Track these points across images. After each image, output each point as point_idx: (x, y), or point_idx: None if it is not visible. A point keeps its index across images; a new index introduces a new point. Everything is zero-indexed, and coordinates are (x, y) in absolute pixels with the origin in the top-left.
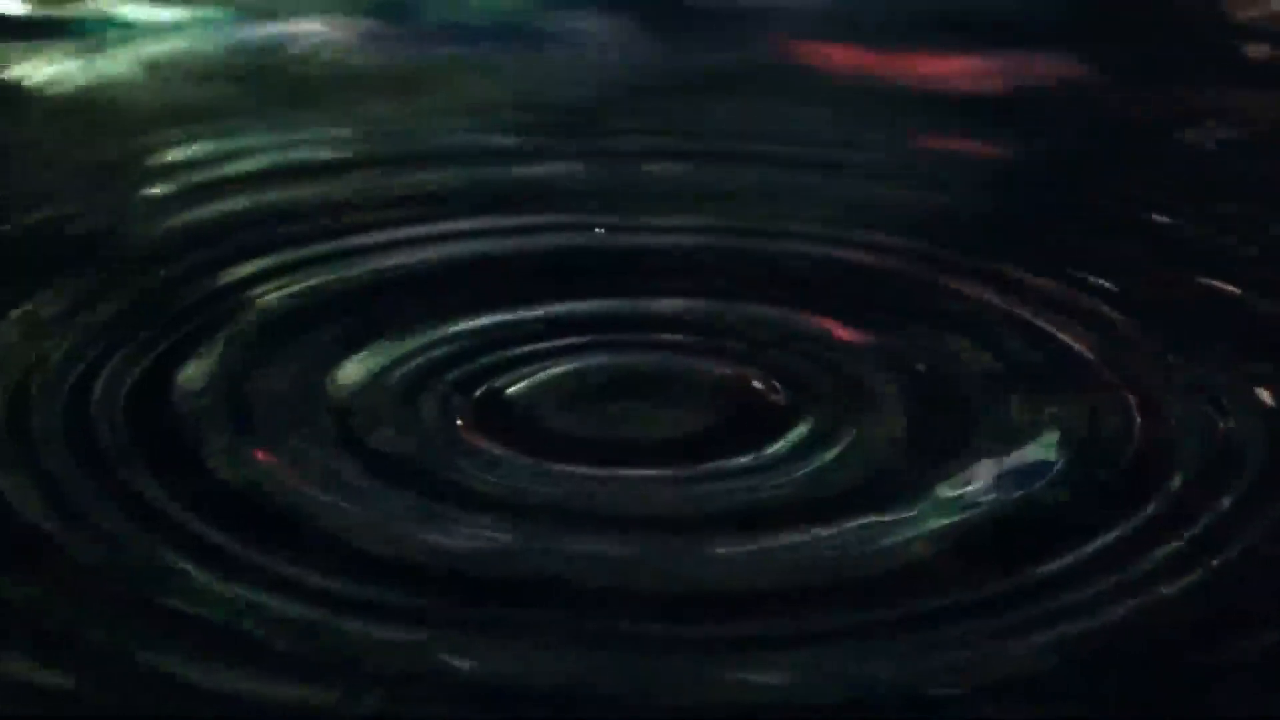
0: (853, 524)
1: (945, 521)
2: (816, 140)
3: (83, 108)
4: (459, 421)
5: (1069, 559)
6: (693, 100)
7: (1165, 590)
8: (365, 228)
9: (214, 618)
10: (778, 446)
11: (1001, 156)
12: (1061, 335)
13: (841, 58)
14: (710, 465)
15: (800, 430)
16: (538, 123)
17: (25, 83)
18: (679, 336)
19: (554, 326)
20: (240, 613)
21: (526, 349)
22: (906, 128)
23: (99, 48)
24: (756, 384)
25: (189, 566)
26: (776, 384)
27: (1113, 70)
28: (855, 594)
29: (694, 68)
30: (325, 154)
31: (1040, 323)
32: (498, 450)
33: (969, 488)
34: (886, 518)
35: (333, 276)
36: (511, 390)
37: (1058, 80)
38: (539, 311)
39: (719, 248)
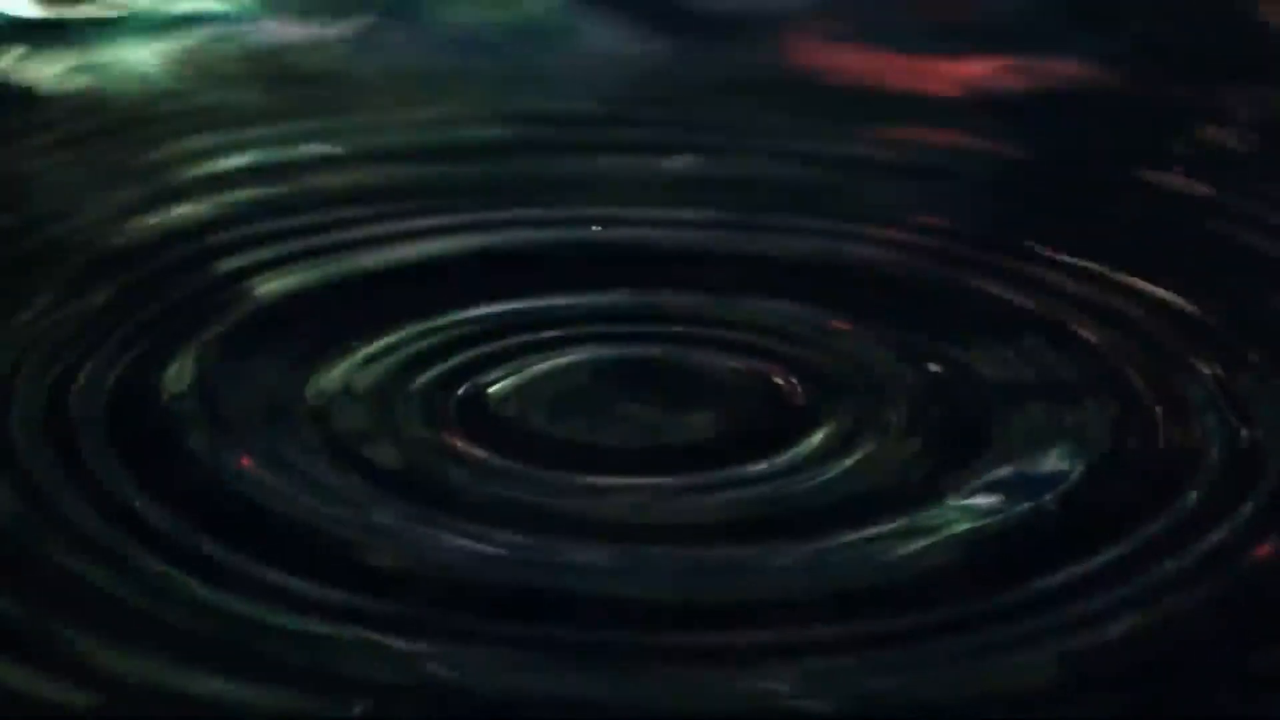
0: (861, 534)
1: (956, 531)
2: (826, 138)
3: (79, 106)
4: (451, 424)
5: (1082, 570)
6: (698, 100)
7: (1178, 602)
8: (363, 221)
9: (199, 625)
10: (785, 454)
11: (1018, 155)
12: (1082, 337)
13: (852, 61)
14: (714, 473)
15: (807, 435)
16: (542, 118)
17: (23, 84)
18: (682, 329)
19: (554, 319)
20: (226, 620)
21: (527, 339)
22: (925, 126)
23: (99, 48)
24: (763, 386)
25: (175, 573)
26: (783, 386)
27: (1131, 66)
28: (862, 604)
29: (699, 70)
30: (325, 149)
31: (1060, 323)
32: (493, 454)
33: (982, 497)
34: (895, 527)
35: (330, 270)
36: (511, 385)
37: (1074, 78)
38: (541, 304)
39: (727, 243)
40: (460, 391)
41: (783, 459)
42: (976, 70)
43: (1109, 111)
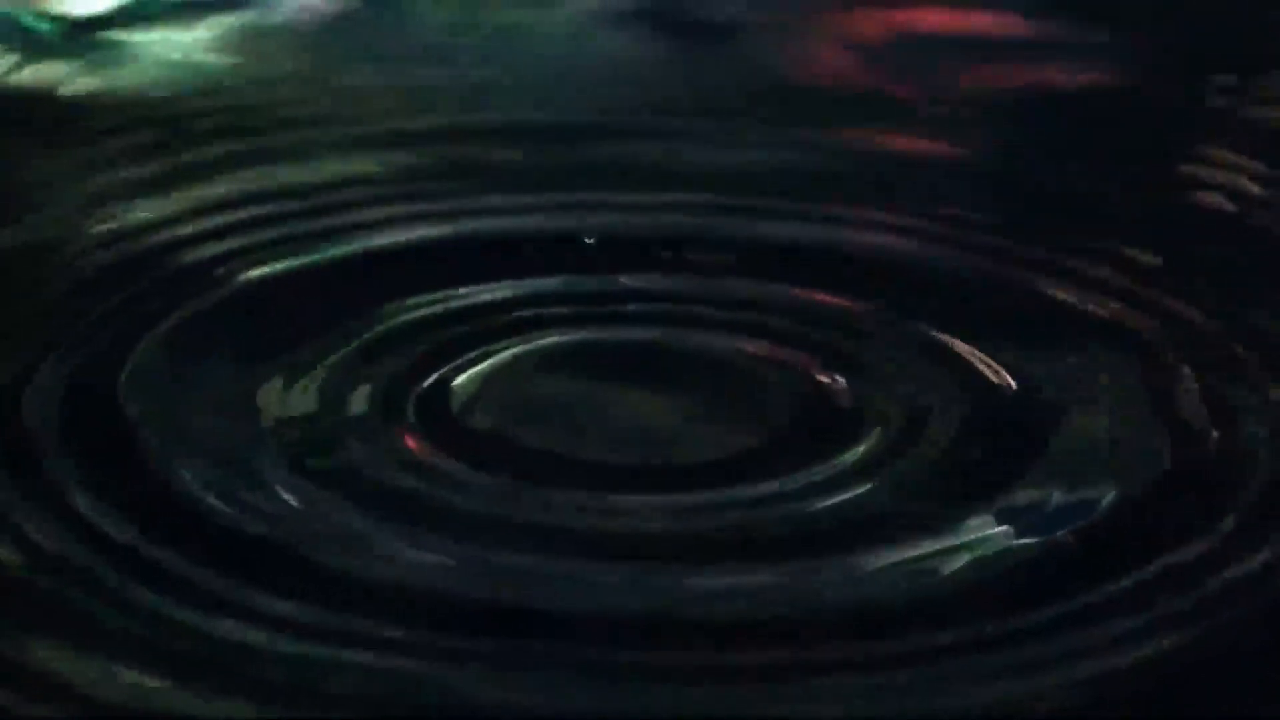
0: (884, 555)
1: (986, 552)
2: (827, 136)
3: (61, 101)
4: (434, 423)
5: (1107, 593)
6: (700, 100)
7: (1205, 626)
8: (344, 207)
9: (170, 642)
10: (803, 469)
11: (1027, 154)
12: (1129, 337)
13: (855, 64)
14: (722, 490)
15: (827, 445)
16: (539, 108)
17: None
18: (690, 311)
19: (557, 302)
20: (198, 639)
21: (523, 315)
22: (930, 126)
23: (89, 43)
24: (783, 392)
25: (136, 588)
26: (790, 374)
27: (1142, 66)
28: (875, 624)
29: (702, 73)
30: (309, 138)
31: (1108, 322)
32: (475, 459)
33: (1015, 517)
34: (923, 549)
35: (318, 257)
36: (503, 369)
37: (1082, 78)
38: (541, 288)
39: (726, 231)
40: (449, 386)
41: (804, 477)
42: (982, 72)
43: (1119, 111)
